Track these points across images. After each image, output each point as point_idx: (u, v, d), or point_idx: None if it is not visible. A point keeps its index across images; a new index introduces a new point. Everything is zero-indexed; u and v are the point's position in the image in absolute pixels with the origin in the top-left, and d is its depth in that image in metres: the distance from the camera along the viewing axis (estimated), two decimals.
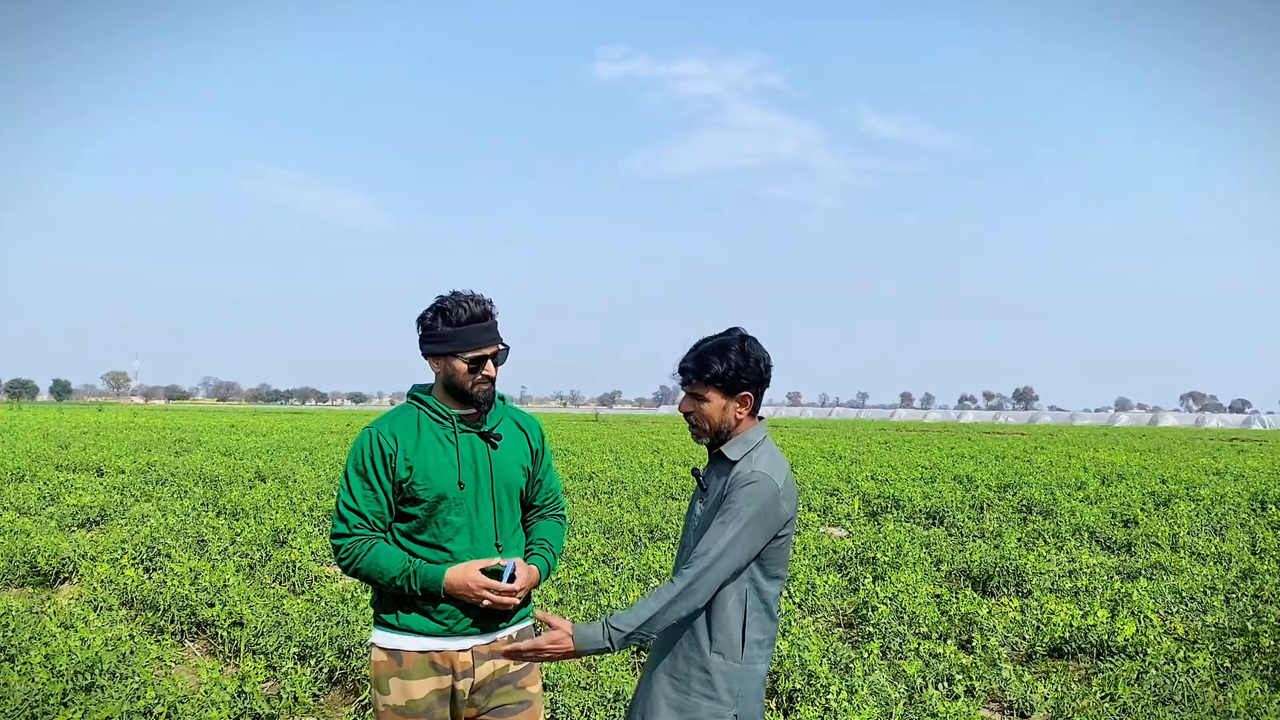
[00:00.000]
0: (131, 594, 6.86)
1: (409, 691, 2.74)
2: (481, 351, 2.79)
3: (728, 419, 2.68)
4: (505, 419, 2.96)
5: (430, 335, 2.81)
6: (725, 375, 2.63)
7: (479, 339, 2.77)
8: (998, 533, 10.24)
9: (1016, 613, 6.61)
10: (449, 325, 2.77)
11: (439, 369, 2.84)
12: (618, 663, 5.23)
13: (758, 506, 2.55)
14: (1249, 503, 13.14)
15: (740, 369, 2.64)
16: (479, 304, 2.79)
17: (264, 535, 8.89)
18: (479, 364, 2.79)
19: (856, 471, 17.09)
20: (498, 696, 2.84)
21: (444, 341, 2.78)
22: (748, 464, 2.61)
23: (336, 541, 2.77)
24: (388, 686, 2.75)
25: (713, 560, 2.52)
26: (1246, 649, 5.90)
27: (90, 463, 17.37)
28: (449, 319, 2.77)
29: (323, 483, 13.97)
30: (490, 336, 2.80)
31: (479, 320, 2.78)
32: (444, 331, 2.77)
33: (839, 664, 5.43)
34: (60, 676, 4.83)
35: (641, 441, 28.39)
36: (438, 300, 2.81)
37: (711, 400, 2.67)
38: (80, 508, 10.79)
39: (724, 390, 2.65)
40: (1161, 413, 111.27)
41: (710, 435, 2.71)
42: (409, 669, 2.75)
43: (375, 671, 2.79)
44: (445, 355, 2.79)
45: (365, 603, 6.26)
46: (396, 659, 2.76)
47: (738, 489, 2.57)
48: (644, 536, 9.69)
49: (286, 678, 5.10)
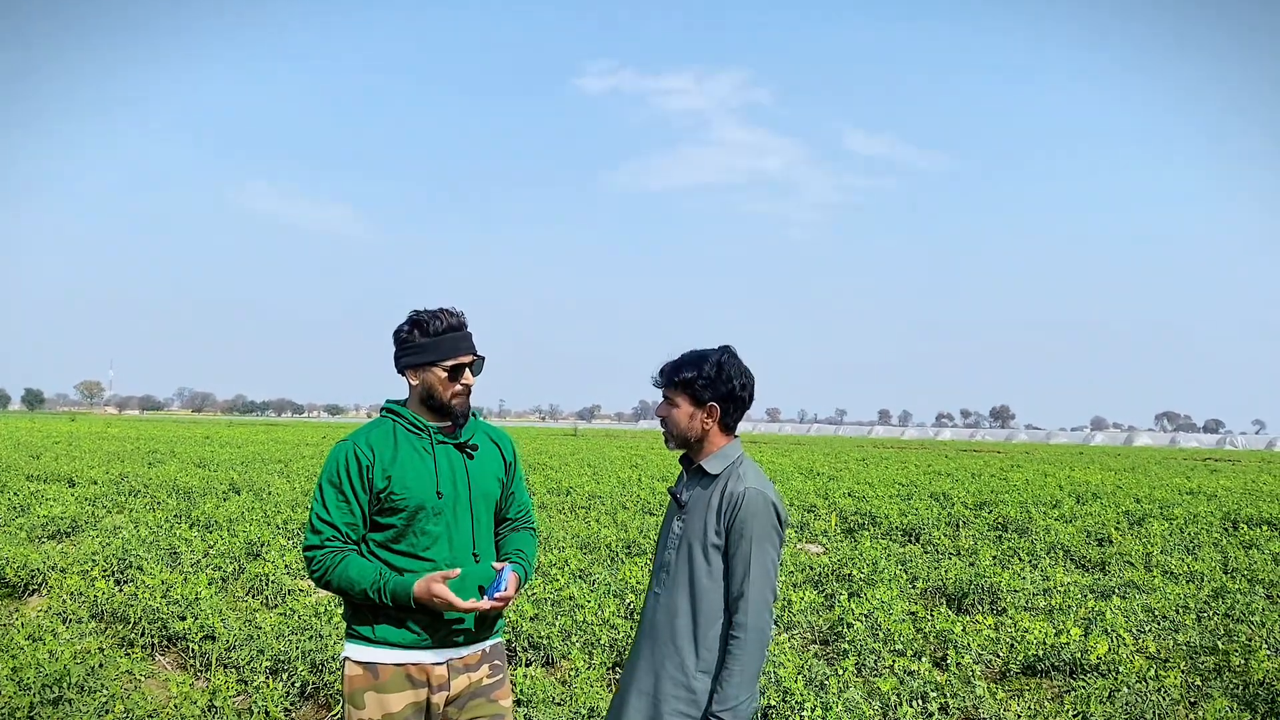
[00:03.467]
0: (102, 606, 6.78)
1: (385, 705, 2.72)
2: (459, 360, 2.81)
3: (694, 427, 2.73)
4: (479, 432, 2.98)
5: (407, 347, 2.83)
6: (693, 383, 2.70)
7: (456, 348, 2.81)
8: (973, 550, 10.29)
9: (991, 630, 6.64)
10: (426, 336, 2.81)
11: (417, 381, 2.85)
12: (592, 679, 5.21)
13: (763, 520, 2.60)
14: (1221, 522, 13.28)
15: (710, 380, 2.69)
16: (454, 315, 2.84)
17: (237, 548, 8.81)
18: (457, 372, 2.82)
19: (834, 488, 17.13)
20: (470, 709, 2.83)
21: (422, 352, 2.80)
22: (737, 482, 2.66)
23: (309, 553, 2.77)
24: (363, 700, 2.73)
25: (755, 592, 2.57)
26: (1217, 668, 5.95)
27: (62, 473, 17.17)
28: (426, 330, 2.81)
29: (297, 495, 13.87)
30: (467, 345, 2.84)
31: (455, 330, 2.82)
32: (422, 342, 2.80)
33: (814, 681, 5.43)
34: (28, 690, 4.76)
35: (620, 456, 28.36)
36: (413, 314, 2.85)
37: (680, 406, 2.74)
38: (51, 519, 10.65)
39: (691, 398, 2.72)
40: (1137, 432, 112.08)
41: (676, 441, 2.77)
42: (385, 682, 2.73)
43: (350, 686, 2.76)
44: (423, 365, 2.82)
45: (338, 616, 6.21)
46: (372, 672, 2.74)
47: (736, 511, 2.60)
48: (621, 552, 9.67)
49: (258, 692, 5.06)
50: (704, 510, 2.66)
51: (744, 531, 2.58)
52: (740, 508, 2.59)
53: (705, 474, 2.72)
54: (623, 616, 6.68)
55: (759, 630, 2.56)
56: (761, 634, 2.57)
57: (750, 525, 2.58)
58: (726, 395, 2.71)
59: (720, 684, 2.55)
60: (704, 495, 2.69)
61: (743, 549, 2.58)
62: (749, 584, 2.56)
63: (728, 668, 2.55)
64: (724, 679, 2.55)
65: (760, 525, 2.59)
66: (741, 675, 2.53)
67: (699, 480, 2.74)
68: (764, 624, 2.58)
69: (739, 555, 2.58)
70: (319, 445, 31.40)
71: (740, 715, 2.54)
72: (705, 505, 2.67)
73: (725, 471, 2.69)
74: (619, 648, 5.97)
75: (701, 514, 2.66)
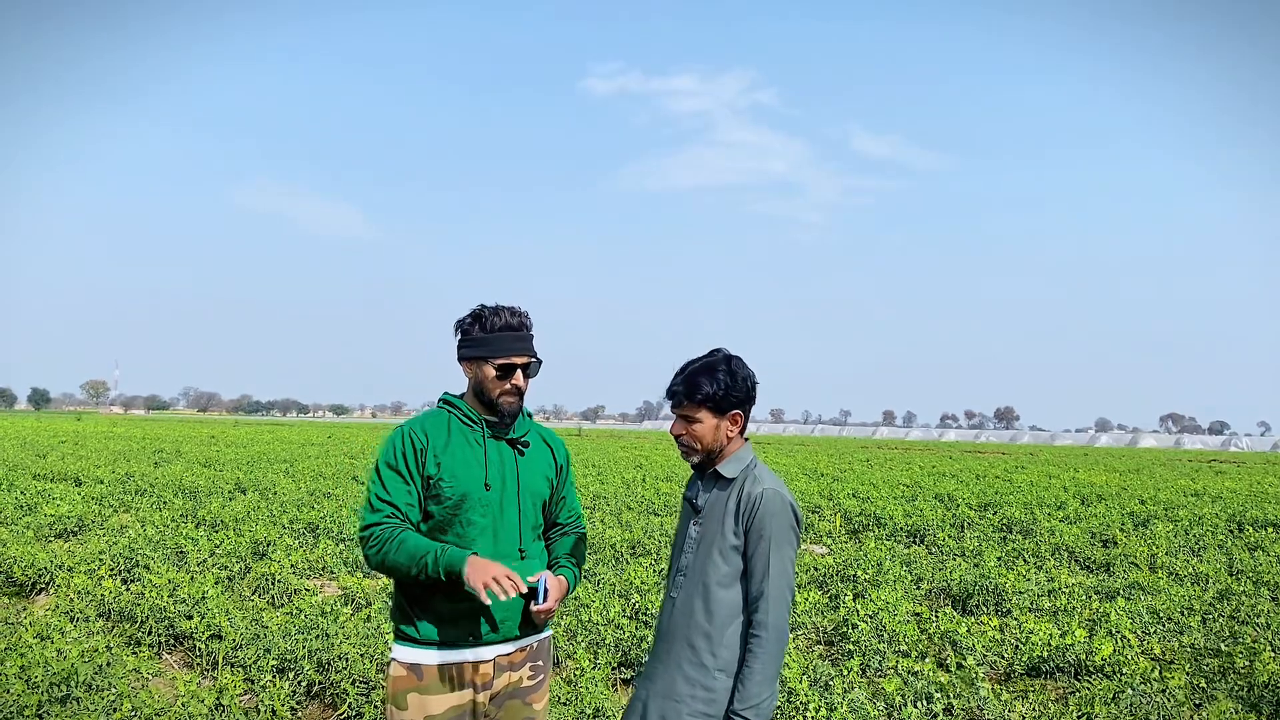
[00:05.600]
0: (109, 605, 6.80)
1: (427, 707, 2.71)
2: (511, 360, 2.82)
3: (720, 438, 2.75)
4: (532, 432, 3.00)
5: (466, 339, 2.87)
6: (715, 395, 2.70)
7: (510, 347, 2.82)
8: (978, 551, 10.29)
9: (995, 631, 6.64)
10: (484, 331, 2.83)
11: (471, 374, 2.89)
12: (598, 679, 5.22)
13: (782, 520, 2.63)
14: (1226, 524, 13.25)
15: (729, 388, 2.71)
16: (515, 315, 2.86)
17: (243, 547, 8.83)
18: (508, 372, 2.83)
19: (838, 489, 17.13)
20: (507, 710, 2.83)
21: (476, 345, 2.84)
22: (754, 483, 2.68)
23: (366, 531, 2.76)
24: (405, 702, 2.72)
25: (775, 591, 2.59)
26: (1222, 669, 5.94)
27: (68, 472, 17.22)
28: (484, 325, 2.83)
29: (303, 495, 13.90)
30: (521, 346, 2.85)
31: (513, 329, 2.84)
32: (478, 336, 2.83)
33: (819, 681, 5.44)
34: (36, 688, 4.79)
35: (624, 457, 28.37)
36: (477, 307, 2.87)
37: (703, 421, 2.73)
38: (58, 518, 10.69)
39: (714, 410, 2.72)
40: (1141, 434, 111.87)
41: (702, 454, 2.77)
42: (428, 684, 2.73)
43: (394, 687, 2.75)
44: (477, 360, 2.84)
45: (345, 616, 6.24)
46: (416, 673, 2.74)
47: (755, 512, 2.63)
48: (626, 552, 9.69)
49: (265, 691, 5.07)
50: (721, 513, 2.68)
51: (763, 532, 2.60)
52: (759, 508, 2.62)
53: (721, 477, 2.73)
54: (628, 617, 6.70)
55: (779, 629, 2.58)
56: (781, 633, 2.59)
57: (769, 525, 2.60)
58: (745, 399, 2.73)
59: (741, 683, 2.57)
60: (721, 498, 2.71)
61: (762, 549, 2.60)
62: (769, 583, 2.58)
63: (749, 666, 2.57)
64: (745, 677, 2.57)
65: (779, 525, 2.61)
66: (763, 674, 2.56)
67: (714, 484, 2.75)
68: (783, 623, 2.60)
69: (758, 555, 2.61)
70: (324, 445, 31.46)
71: (763, 714, 2.56)
72: (723, 508, 2.68)
73: (741, 474, 2.71)
74: (624, 647, 5.98)
75: (719, 517, 2.68)
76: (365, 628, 6.09)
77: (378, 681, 5.27)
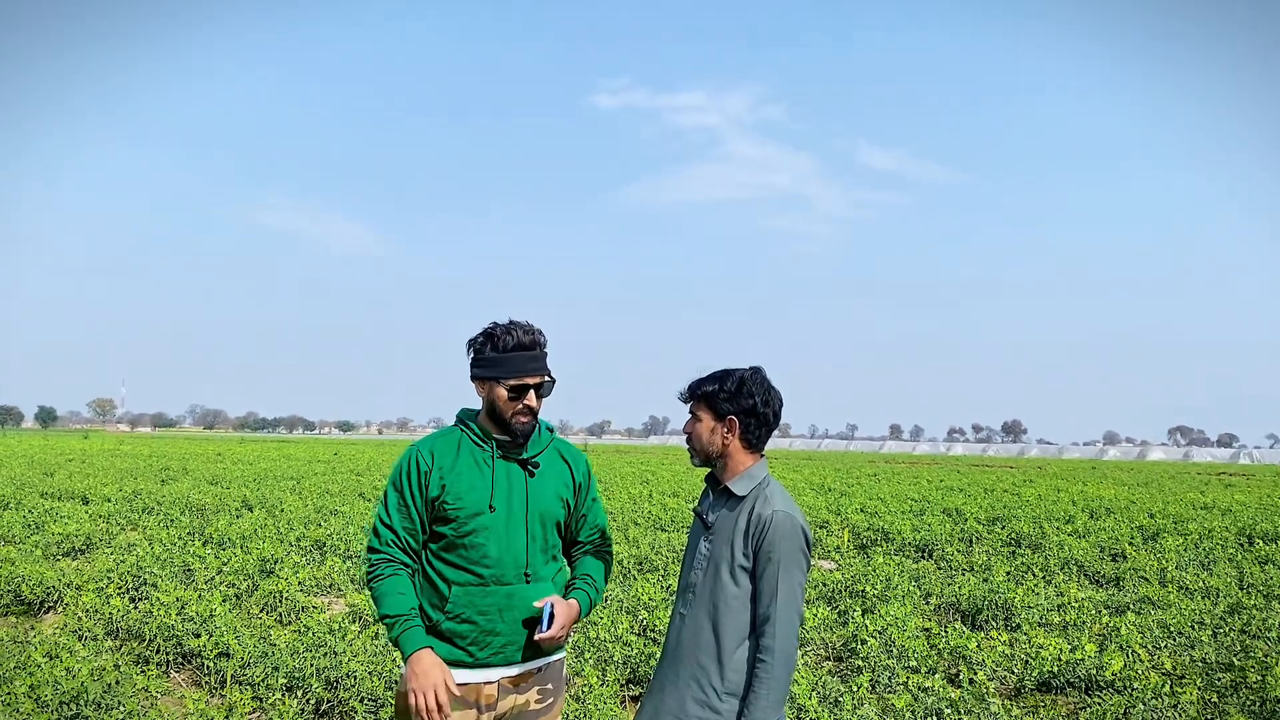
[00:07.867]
0: (117, 624, 6.81)
1: None
2: (524, 380, 2.78)
3: (714, 442, 2.75)
4: (550, 449, 2.95)
5: (478, 359, 2.83)
6: (714, 396, 2.73)
7: (522, 367, 2.78)
8: (986, 566, 10.26)
9: (1005, 647, 6.61)
10: (496, 351, 2.79)
11: (484, 393, 2.85)
12: (606, 695, 5.21)
13: (791, 543, 2.60)
14: (1236, 537, 13.19)
15: (731, 394, 2.72)
16: (528, 333, 2.81)
17: (251, 565, 8.83)
18: (520, 392, 2.79)
19: (846, 504, 17.09)
20: None
21: (488, 366, 2.80)
22: (765, 504, 2.65)
23: (370, 555, 2.80)
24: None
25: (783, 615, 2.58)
26: (1234, 684, 5.91)
27: (76, 490, 17.25)
28: (497, 345, 2.79)
29: (310, 512, 13.91)
30: (534, 366, 2.80)
31: (526, 349, 2.80)
32: (490, 356, 2.80)
33: (828, 698, 5.42)
34: (45, 707, 4.79)
35: (630, 472, 28.33)
36: (490, 325, 2.83)
37: (702, 420, 2.77)
38: (65, 536, 10.71)
39: (711, 411, 2.74)
40: (1150, 447, 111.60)
41: (699, 456, 2.79)
42: None
43: (400, 703, 2.74)
44: (489, 380, 2.81)
45: (353, 633, 6.23)
46: None
47: (764, 534, 2.61)
48: (633, 568, 9.67)
49: (273, 709, 5.07)
50: (731, 532, 2.66)
51: (772, 555, 2.58)
52: (769, 530, 2.59)
53: (732, 495, 2.72)
54: (636, 633, 6.68)
55: (786, 654, 2.56)
56: (789, 657, 2.56)
57: (779, 548, 2.58)
58: (746, 410, 2.71)
59: (748, 707, 2.56)
60: (731, 517, 2.68)
61: (770, 571, 2.58)
62: (776, 607, 2.56)
63: (755, 691, 2.55)
64: (751, 702, 2.55)
65: (788, 548, 2.59)
66: (769, 698, 2.53)
67: (725, 501, 2.74)
68: (791, 647, 2.57)
69: (767, 577, 2.59)
70: (330, 462, 31.48)
71: None
72: (732, 527, 2.66)
73: (752, 493, 2.69)
74: (632, 664, 5.97)
75: (728, 536, 2.66)
76: (373, 645, 6.08)
77: (386, 699, 5.26)
